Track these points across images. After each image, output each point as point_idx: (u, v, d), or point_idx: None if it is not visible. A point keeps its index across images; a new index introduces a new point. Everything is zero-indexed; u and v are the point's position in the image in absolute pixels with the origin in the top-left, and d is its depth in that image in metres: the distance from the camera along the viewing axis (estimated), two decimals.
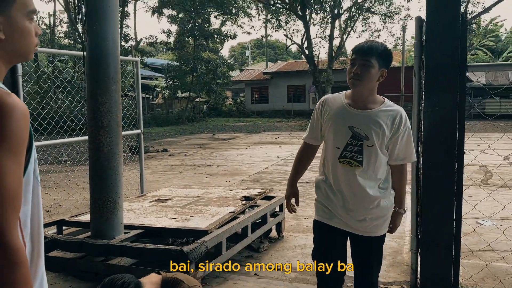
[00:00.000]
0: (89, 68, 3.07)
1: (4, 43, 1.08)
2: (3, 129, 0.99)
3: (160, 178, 8.34)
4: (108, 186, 3.08)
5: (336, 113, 2.18)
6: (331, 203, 2.24)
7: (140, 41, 25.91)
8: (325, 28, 25.20)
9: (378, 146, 2.11)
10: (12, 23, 1.08)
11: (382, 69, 2.10)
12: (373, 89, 2.14)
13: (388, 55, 2.12)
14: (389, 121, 2.11)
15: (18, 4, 1.08)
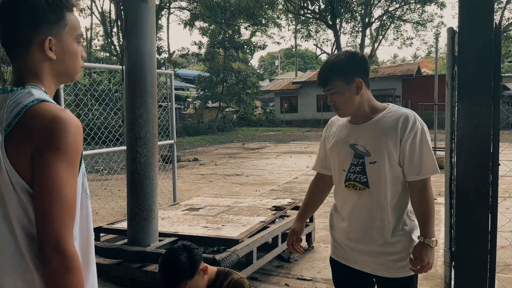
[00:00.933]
0: (127, 82, 3.22)
1: (55, 64, 1.17)
2: (61, 142, 1.05)
3: (191, 187, 8.51)
4: (144, 195, 3.20)
5: (337, 133, 1.94)
6: (340, 236, 1.95)
7: (173, 53, 26.60)
8: (355, 37, 25.12)
9: (383, 162, 1.77)
10: (63, 46, 1.17)
11: (354, 81, 1.78)
12: (362, 102, 1.83)
13: (351, 63, 1.79)
14: (391, 127, 1.77)
15: (69, 28, 1.17)
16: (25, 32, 1.12)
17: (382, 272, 1.83)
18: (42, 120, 1.05)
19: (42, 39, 1.13)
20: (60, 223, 1.04)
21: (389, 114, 1.81)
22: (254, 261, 3.37)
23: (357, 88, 1.78)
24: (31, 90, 1.11)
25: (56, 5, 1.14)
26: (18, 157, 1.06)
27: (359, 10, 23.70)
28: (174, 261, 2.05)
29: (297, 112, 32.17)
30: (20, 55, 1.15)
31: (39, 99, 1.08)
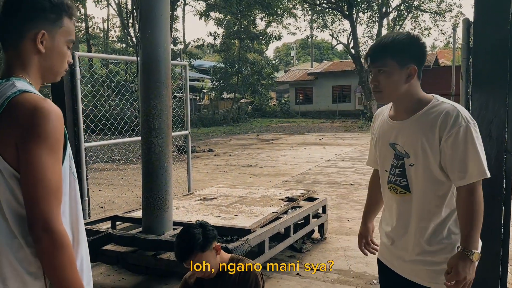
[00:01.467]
0: (142, 73, 3.28)
1: (43, 58, 1.26)
2: (42, 130, 1.13)
3: (206, 177, 8.59)
4: (159, 185, 3.27)
5: (380, 129, 1.81)
6: (383, 238, 1.87)
7: (188, 44, 26.65)
8: (372, 27, 24.75)
9: (421, 165, 1.63)
10: (54, 43, 1.26)
11: (408, 67, 1.61)
12: (408, 93, 1.65)
13: (410, 46, 1.62)
14: (428, 125, 1.59)
15: (63, 31, 1.28)
16: (24, 23, 1.22)
17: (424, 281, 1.69)
18: (24, 110, 1.13)
19: (37, 31, 1.22)
20: (47, 204, 1.13)
21: (430, 110, 1.62)
22: (266, 251, 3.42)
23: (408, 76, 1.62)
24: (15, 82, 1.19)
25: (57, 7, 1.24)
26: (4, 145, 1.14)
27: (376, 0, 23.33)
28: (188, 233, 2.18)
29: (312, 104, 32.00)
30: (14, 44, 1.23)
31: (21, 90, 1.16)
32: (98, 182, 7.75)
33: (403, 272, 1.76)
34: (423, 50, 1.66)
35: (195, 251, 2.14)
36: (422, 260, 1.68)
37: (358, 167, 9.47)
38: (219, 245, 2.28)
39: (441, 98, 1.67)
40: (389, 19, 25.85)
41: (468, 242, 1.55)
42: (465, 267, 1.54)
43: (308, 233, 4.45)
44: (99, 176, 8.19)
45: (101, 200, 6.44)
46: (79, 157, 4.30)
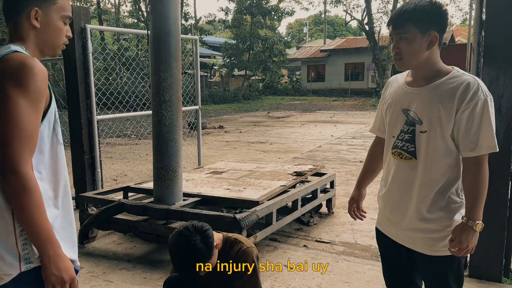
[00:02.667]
0: (152, 46, 3.30)
1: (39, 33, 1.36)
2: (24, 81, 1.22)
3: (216, 153, 8.68)
4: (169, 156, 3.34)
5: (393, 94, 1.80)
6: (381, 204, 1.89)
7: (200, 19, 26.42)
8: (387, 2, 24.18)
9: (434, 132, 1.64)
10: (48, 19, 1.36)
11: (429, 33, 1.61)
12: (429, 61, 1.65)
13: (432, 13, 1.61)
14: (448, 95, 1.60)
15: (57, 7, 1.38)
16: (19, 2, 1.34)
17: (421, 248, 1.73)
18: (11, 64, 1.24)
19: (30, 9, 1.33)
20: (17, 148, 1.21)
21: (450, 80, 1.63)
22: (274, 222, 3.49)
23: (430, 42, 1.62)
24: (10, 45, 1.32)
25: None
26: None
27: None
28: (191, 247, 1.94)
29: (324, 81, 31.70)
30: (13, 20, 1.35)
31: (13, 50, 1.28)
32: (111, 156, 7.89)
33: (399, 238, 1.81)
34: (445, 17, 1.65)
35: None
36: (419, 228, 1.70)
37: (368, 144, 9.42)
38: (217, 242, 2.10)
39: (461, 70, 1.67)
40: None
41: (472, 213, 1.60)
42: (468, 236, 1.60)
43: (316, 208, 4.52)
44: (111, 150, 8.33)
45: (113, 173, 6.58)
46: (92, 129, 4.39)
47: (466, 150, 1.61)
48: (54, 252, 1.28)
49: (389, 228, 1.85)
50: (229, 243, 2.17)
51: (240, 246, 2.15)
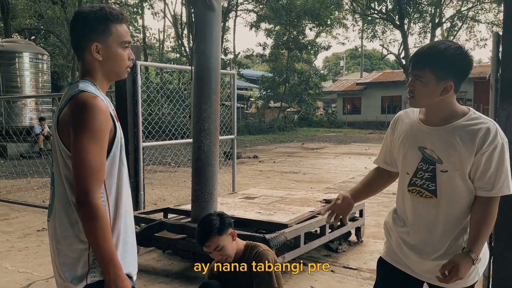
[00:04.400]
0: (195, 81, 3.70)
1: (103, 63, 1.53)
2: (87, 121, 1.40)
3: (249, 181, 8.97)
4: (207, 179, 3.66)
5: (406, 131, 1.81)
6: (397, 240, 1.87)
7: (238, 54, 27.46)
8: (424, 37, 24.26)
9: (455, 172, 1.67)
10: (108, 50, 1.52)
11: (445, 82, 1.63)
12: (443, 103, 1.68)
13: (453, 62, 1.62)
14: (468, 137, 1.64)
15: (114, 36, 1.52)
16: (81, 39, 1.52)
17: (432, 281, 1.77)
18: (76, 105, 1.43)
19: (91, 44, 1.50)
20: (86, 182, 1.40)
21: (469, 122, 1.67)
22: (301, 245, 3.70)
23: (444, 90, 1.65)
24: (79, 83, 1.49)
25: (102, 18, 1.50)
26: (63, 133, 1.46)
27: (429, 10, 22.88)
28: (207, 219, 2.53)
29: (360, 114, 31.70)
30: (80, 56, 1.54)
31: (80, 89, 1.45)
32: (151, 182, 8.35)
33: (419, 275, 1.81)
34: (467, 67, 1.66)
35: (213, 234, 2.46)
36: (439, 264, 1.70)
37: None
38: (234, 231, 2.59)
39: (477, 112, 1.72)
40: (443, 29, 25.21)
41: (476, 247, 1.64)
42: (467, 269, 1.63)
43: (345, 236, 4.67)
44: (152, 176, 8.81)
45: (153, 198, 6.99)
46: (137, 155, 4.81)
47: (482, 190, 1.67)
48: (115, 273, 1.44)
49: (405, 263, 1.84)
50: (250, 247, 2.58)
51: (257, 249, 2.54)
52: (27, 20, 25.84)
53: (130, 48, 1.60)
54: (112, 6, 1.61)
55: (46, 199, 7.09)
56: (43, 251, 4.50)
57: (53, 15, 24.04)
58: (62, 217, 1.49)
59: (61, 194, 1.49)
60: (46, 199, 7.06)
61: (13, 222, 5.71)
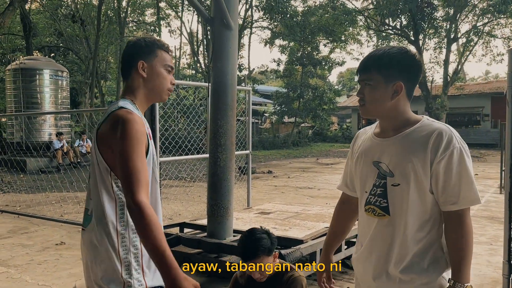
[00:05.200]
0: (212, 98, 3.78)
1: (146, 81, 1.67)
2: (127, 133, 1.49)
3: (264, 197, 8.97)
4: (222, 194, 3.70)
5: (362, 147, 1.67)
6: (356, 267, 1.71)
7: (253, 70, 27.75)
8: (439, 52, 24.16)
9: (407, 186, 1.49)
10: (152, 68, 1.67)
11: (394, 83, 1.51)
12: (395, 110, 1.55)
13: (399, 62, 1.52)
14: (420, 145, 1.48)
15: (159, 59, 1.68)
16: (130, 60, 1.67)
17: None
18: (115, 119, 1.53)
19: (138, 62, 1.65)
20: (135, 185, 1.45)
21: (420, 128, 1.52)
22: (317, 261, 3.68)
23: (394, 92, 1.52)
24: (119, 101, 1.62)
25: (150, 43, 1.69)
26: (103, 146, 1.56)
27: (444, 25, 22.84)
28: (257, 236, 2.38)
29: None
30: (127, 76, 1.68)
31: (119, 106, 1.57)
32: (167, 197, 8.43)
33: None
34: (415, 67, 1.55)
35: (262, 254, 2.35)
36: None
37: None
38: (277, 252, 2.53)
39: (431, 118, 1.58)
40: (459, 44, 25.12)
41: (460, 275, 1.46)
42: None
43: None
44: (167, 191, 8.89)
45: (169, 212, 7.05)
46: None
47: (447, 203, 1.48)
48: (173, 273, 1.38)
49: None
50: (285, 268, 2.51)
51: (293, 273, 2.48)
52: (47, 38, 26.64)
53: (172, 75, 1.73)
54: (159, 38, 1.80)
55: (65, 213, 7.21)
56: (62, 264, 4.58)
57: (73, 33, 24.74)
58: (99, 228, 1.55)
59: (98, 205, 1.56)
60: (64, 213, 7.18)
61: (32, 236, 5.82)
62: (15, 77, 14.59)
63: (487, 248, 5.28)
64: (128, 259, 1.54)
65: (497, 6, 19.86)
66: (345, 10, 23.52)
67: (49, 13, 25.02)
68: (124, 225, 1.56)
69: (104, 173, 1.55)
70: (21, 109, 14.20)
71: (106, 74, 28.18)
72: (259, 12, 23.73)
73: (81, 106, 23.26)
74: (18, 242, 5.47)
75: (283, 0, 21.97)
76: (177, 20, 28.69)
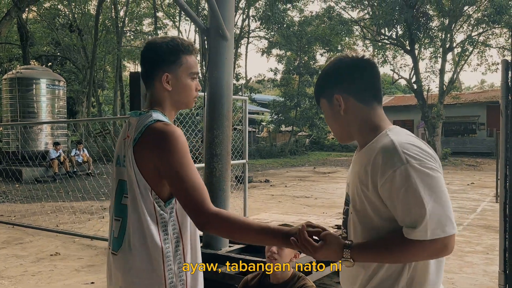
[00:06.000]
0: (208, 107, 3.78)
1: (172, 93, 1.54)
2: (173, 145, 1.41)
3: (261, 206, 8.95)
4: (218, 204, 3.68)
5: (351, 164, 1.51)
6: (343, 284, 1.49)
7: (250, 79, 27.84)
8: (435, 62, 24.33)
9: (358, 212, 1.31)
10: (177, 80, 1.53)
11: (333, 98, 1.38)
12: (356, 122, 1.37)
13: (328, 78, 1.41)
14: (365, 164, 1.28)
15: (184, 67, 1.53)
16: (152, 69, 1.53)
17: None
18: (155, 134, 1.44)
19: (162, 74, 1.51)
20: (198, 196, 1.39)
21: (371, 145, 1.31)
22: (313, 271, 3.66)
23: (339, 106, 1.36)
24: (152, 113, 1.50)
25: (174, 49, 1.51)
26: (141, 162, 1.44)
27: (439, 35, 23.04)
28: None
29: None
30: (150, 85, 1.56)
31: (155, 119, 1.47)
32: None
33: None
34: (347, 71, 1.38)
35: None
36: None
37: None
38: (298, 253, 2.45)
39: (396, 129, 1.34)
40: (454, 54, 25.30)
41: (360, 250, 1.26)
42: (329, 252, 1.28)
43: None
44: None
45: None
46: None
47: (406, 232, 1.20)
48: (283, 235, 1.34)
49: None
50: (297, 277, 2.48)
51: (305, 282, 2.46)
52: (45, 47, 26.70)
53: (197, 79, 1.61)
54: (183, 38, 1.63)
55: (60, 223, 7.16)
56: (56, 275, 4.53)
57: (70, 43, 24.81)
58: (140, 250, 1.45)
59: (137, 226, 1.45)
60: (59, 223, 7.13)
61: (27, 246, 5.77)
62: (11, 86, 14.58)
63: (483, 257, 5.28)
64: (174, 283, 1.46)
65: (491, 16, 20.08)
66: (341, 20, 23.72)
67: (47, 22, 25.13)
68: (168, 247, 1.46)
69: (145, 192, 1.44)
70: (17, 119, 14.18)
71: (103, 83, 28.19)
72: (256, 22, 23.93)
73: (78, 115, 23.25)
74: (12, 253, 5.43)
75: (280, 11, 22.16)
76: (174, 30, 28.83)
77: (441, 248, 1.19)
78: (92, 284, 4.24)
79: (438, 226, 1.17)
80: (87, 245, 5.77)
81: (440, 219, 1.17)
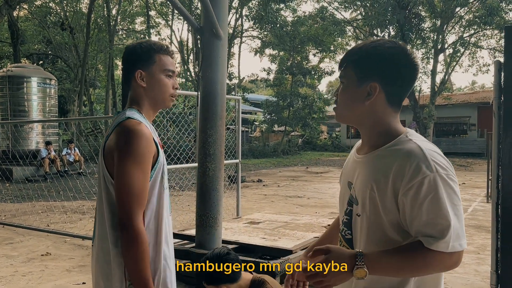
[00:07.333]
0: (201, 107, 3.76)
1: (146, 90, 1.59)
2: (131, 147, 1.43)
3: (254, 206, 8.94)
4: (211, 204, 3.67)
5: (345, 165, 1.46)
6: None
7: (243, 79, 27.82)
8: (427, 63, 24.51)
9: (368, 218, 1.23)
10: (151, 77, 1.59)
11: (369, 83, 1.24)
12: (371, 117, 1.27)
13: (374, 57, 1.23)
14: (384, 170, 1.19)
15: (157, 65, 1.60)
16: (128, 69, 1.61)
17: None
18: (121, 131, 1.48)
19: (135, 72, 1.58)
20: (128, 206, 1.42)
21: (391, 148, 1.22)
22: None
23: (367, 94, 1.24)
24: (126, 111, 1.55)
25: (146, 49, 1.60)
26: (108, 158, 1.50)
27: (431, 36, 23.21)
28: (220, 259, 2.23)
29: None
30: (128, 85, 1.62)
31: (127, 117, 1.51)
32: None
33: None
34: (392, 65, 1.24)
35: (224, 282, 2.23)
36: None
37: None
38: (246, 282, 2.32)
39: (415, 133, 1.27)
40: (445, 55, 25.49)
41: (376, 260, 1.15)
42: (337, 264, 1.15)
43: None
44: None
45: None
46: None
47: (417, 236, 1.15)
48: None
49: None
50: (256, 283, 2.36)
51: (265, 286, 2.32)
52: (36, 46, 26.43)
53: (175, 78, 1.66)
54: (159, 41, 1.72)
55: (51, 222, 7.09)
56: (47, 275, 4.48)
57: (62, 41, 24.59)
58: (104, 242, 1.51)
59: (103, 219, 1.52)
60: (50, 223, 7.06)
61: (17, 246, 5.70)
62: (2, 85, 14.40)
63: (475, 257, 5.31)
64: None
65: (483, 18, 20.26)
66: (334, 20, 23.79)
67: (38, 20, 24.87)
68: None
69: (110, 188, 1.49)
70: (8, 117, 14.01)
71: (95, 82, 28.00)
72: (249, 21, 23.89)
73: (69, 114, 23.05)
74: (2, 253, 5.36)
75: (273, 10, 22.16)
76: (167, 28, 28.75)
77: (456, 261, 1.17)
78: (84, 284, 4.20)
79: (457, 240, 1.14)
80: (78, 245, 5.71)
81: (458, 233, 1.14)
